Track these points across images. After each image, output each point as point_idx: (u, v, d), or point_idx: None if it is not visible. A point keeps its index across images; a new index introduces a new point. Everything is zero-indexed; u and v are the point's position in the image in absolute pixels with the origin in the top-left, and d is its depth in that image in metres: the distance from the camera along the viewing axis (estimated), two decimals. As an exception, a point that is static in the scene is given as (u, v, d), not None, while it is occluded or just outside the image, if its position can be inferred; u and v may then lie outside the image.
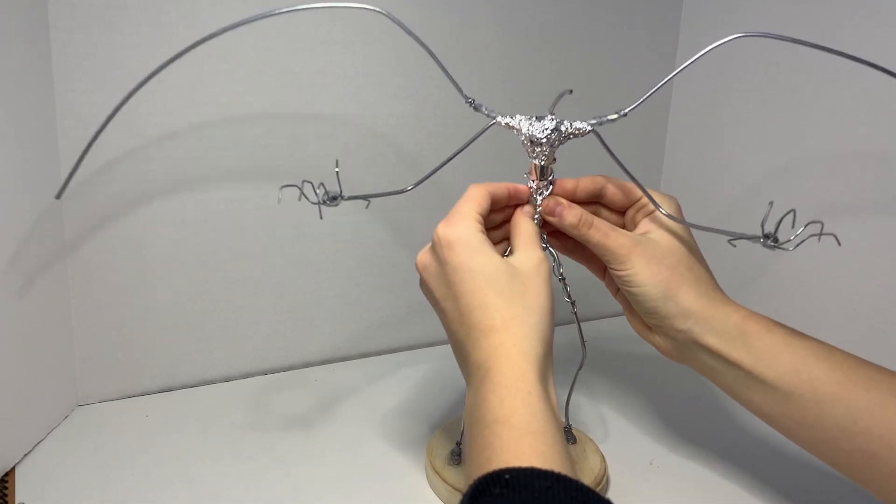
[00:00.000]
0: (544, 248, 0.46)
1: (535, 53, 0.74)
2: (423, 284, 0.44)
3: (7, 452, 0.50)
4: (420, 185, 0.50)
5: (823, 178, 0.66)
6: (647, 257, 0.43)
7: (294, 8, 0.32)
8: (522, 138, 0.46)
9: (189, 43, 0.59)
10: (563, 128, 0.45)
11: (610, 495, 0.49)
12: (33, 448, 0.53)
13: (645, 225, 0.46)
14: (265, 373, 0.69)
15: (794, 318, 0.70)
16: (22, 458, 0.52)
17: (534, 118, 0.46)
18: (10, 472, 0.50)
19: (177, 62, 0.58)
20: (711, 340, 0.42)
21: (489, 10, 0.70)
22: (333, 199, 0.45)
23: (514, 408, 0.35)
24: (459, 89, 0.45)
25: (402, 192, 0.49)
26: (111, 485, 0.49)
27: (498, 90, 0.73)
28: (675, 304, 0.43)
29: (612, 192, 0.48)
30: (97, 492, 0.48)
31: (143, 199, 0.59)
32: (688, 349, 0.44)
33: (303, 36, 0.62)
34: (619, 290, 0.47)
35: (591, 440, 0.54)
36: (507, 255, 0.46)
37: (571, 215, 0.45)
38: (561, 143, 0.46)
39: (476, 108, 0.48)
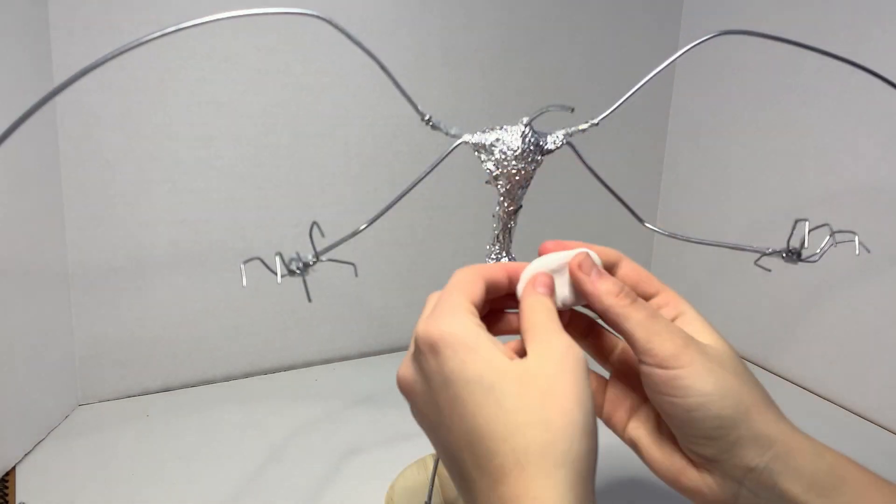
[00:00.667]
0: None
1: (535, 54, 0.74)
2: (413, 410, 0.32)
3: (7, 452, 0.50)
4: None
5: (823, 178, 0.66)
6: (707, 358, 0.31)
7: (233, 14, 0.31)
8: (492, 161, 0.39)
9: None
10: (541, 140, 0.39)
11: None
12: (34, 448, 0.53)
13: (685, 327, 0.33)
14: (265, 373, 0.69)
15: (790, 315, 0.70)
16: (22, 458, 0.52)
17: (504, 127, 0.39)
18: (11, 472, 0.50)
19: (177, 62, 0.58)
20: (798, 487, 0.30)
21: (489, 10, 0.70)
22: (306, 267, 0.37)
23: None
24: (415, 106, 0.39)
25: (356, 233, 0.41)
26: (111, 485, 0.49)
27: (498, 90, 0.73)
28: (750, 427, 0.30)
29: (629, 274, 0.35)
30: (97, 492, 0.48)
31: (143, 199, 0.59)
32: (759, 499, 0.31)
33: (303, 36, 0.62)
34: (632, 414, 0.35)
35: None
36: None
37: (611, 282, 0.33)
38: (537, 160, 0.39)
39: (434, 127, 0.40)
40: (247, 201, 0.64)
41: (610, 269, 0.35)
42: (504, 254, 0.41)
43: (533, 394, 0.27)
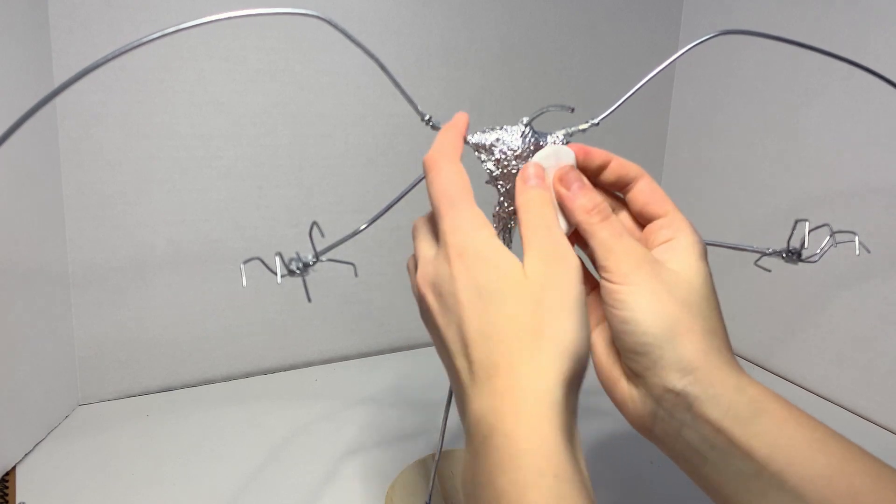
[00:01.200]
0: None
1: (535, 54, 0.74)
2: (423, 312, 0.34)
3: (7, 452, 0.50)
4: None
5: (823, 178, 0.66)
6: (657, 281, 0.32)
7: (233, 15, 0.31)
8: (492, 161, 0.39)
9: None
10: (541, 140, 0.39)
11: None
12: (34, 448, 0.53)
13: (668, 251, 0.35)
14: (265, 373, 0.69)
15: (791, 316, 0.70)
16: (22, 458, 0.52)
17: (504, 127, 0.39)
18: (11, 472, 0.50)
19: (177, 62, 0.58)
20: (714, 413, 0.31)
21: (489, 10, 0.70)
22: (305, 267, 0.37)
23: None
24: (415, 107, 0.39)
25: (356, 233, 0.41)
26: (111, 485, 0.49)
27: (498, 90, 0.73)
28: (674, 350, 0.31)
29: (643, 192, 0.37)
30: (97, 492, 0.48)
31: (143, 199, 0.59)
32: (673, 420, 0.32)
33: (303, 36, 0.62)
34: (599, 322, 0.37)
35: None
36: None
37: (587, 198, 0.35)
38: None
39: (434, 128, 0.39)
40: (247, 201, 0.64)
41: (627, 184, 0.37)
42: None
43: (528, 302, 0.29)
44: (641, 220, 0.38)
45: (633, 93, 0.39)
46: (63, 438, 0.55)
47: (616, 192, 0.39)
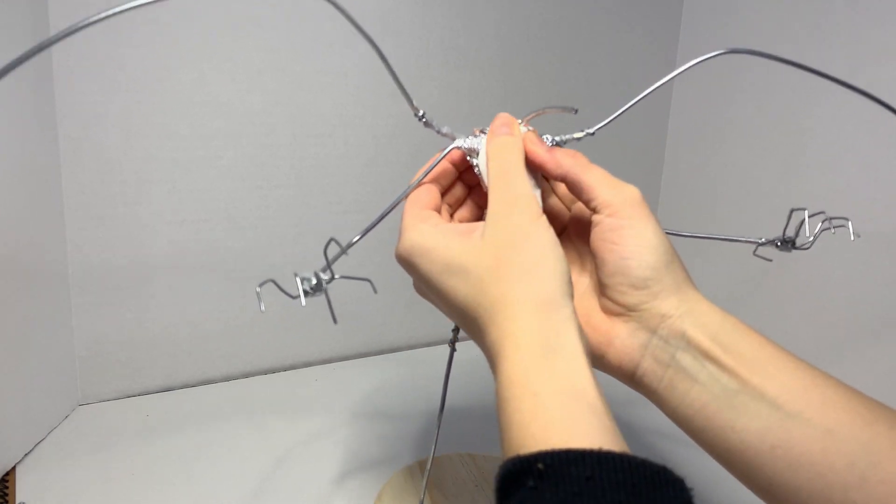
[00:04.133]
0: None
1: (535, 55, 0.74)
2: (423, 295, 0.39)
3: (7, 452, 0.50)
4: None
5: (823, 180, 0.66)
6: (647, 215, 0.35)
7: None
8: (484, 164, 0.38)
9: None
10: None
11: None
12: (34, 448, 0.53)
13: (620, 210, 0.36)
14: (265, 373, 0.69)
15: (791, 318, 0.70)
16: (22, 458, 0.52)
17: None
18: (11, 472, 0.50)
19: (177, 62, 0.58)
20: (704, 334, 0.33)
21: (489, 10, 0.70)
22: (318, 287, 0.36)
23: (537, 380, 0.28)
24: (409, 100, 0.38)
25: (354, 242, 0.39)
26: (111, 485, 0.49)
27: (498, 90, 0.73)
28: (672, 277, 0.34)
29: (565, 193, 0.40)
30: (97, 492, 0.48)
31: (143, 199, 0.59)
32: (668, 346, 0.34)
33: (303, 36, 0.62)
34: (586, 262, 0.38)
35: None
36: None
37: (563, 151, 0.37)
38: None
39: (427, 124, 0.39)
40: (247, 201, 0.64)
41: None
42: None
43: (488, 262, 0.32)
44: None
45: (631, 106, 0.38)
46: (63, 438, 0.55)
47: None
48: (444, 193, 0.40)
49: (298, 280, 0.33)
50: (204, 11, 0.58)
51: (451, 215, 0.41)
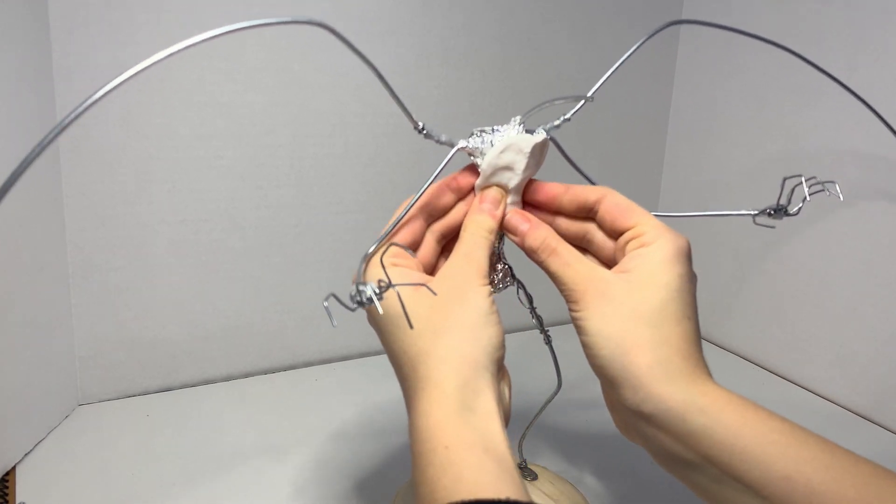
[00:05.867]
0: (500, 261, 0.41)
1: (534, 54, 0.74)
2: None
3: (7, 452, 0.50)
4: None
5: (823, 178, 0.66)
6: (606, 300, 0.34)
7: (234, 28, 0.31)
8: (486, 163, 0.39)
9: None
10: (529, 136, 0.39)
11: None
12: (34, 448, 0.53)
13: (630, 260, 0.35)
14: (265, 373, 0.69)
15: (792, 318, 0.70)
16: (22, 458, 0.52)
17: (496, 128, 0.40)
18: (11, 472, 0.50)
19: (177, 62, 0.58)
20: (671, 427, 0.32)
21: (489, 10, 0.70)
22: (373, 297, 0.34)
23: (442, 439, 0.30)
24: (409, 115, 0.38)
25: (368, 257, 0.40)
26: (111, 485, 0.49)
27: (498, 90, 0.73)
28: (625, 369, 0.32)
29: (609, 212, 0.38)
30: (97, 492, 0.48)
31: (143, 199, 0.59)
32: (641, 435, 0.34)
33: (303, 36, 0.62)
34: None
35: (567, 482, 0.50)
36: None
37: (533, 238, 0.38)
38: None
39: (427, 136, 0.39)
40: (247, 201, 0.64)
41: (590, 209, 0.39)
42: (498, 253, 0.41)
43: (425, 314, 0.33)
44: (615, 236, 0.38)
45: (595, 90, 0.41)
46: (63, 438, 0.55)
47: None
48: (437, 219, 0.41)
49: (359, 290, 0.33)
50: (204, 11, 0.58)
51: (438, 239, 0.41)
